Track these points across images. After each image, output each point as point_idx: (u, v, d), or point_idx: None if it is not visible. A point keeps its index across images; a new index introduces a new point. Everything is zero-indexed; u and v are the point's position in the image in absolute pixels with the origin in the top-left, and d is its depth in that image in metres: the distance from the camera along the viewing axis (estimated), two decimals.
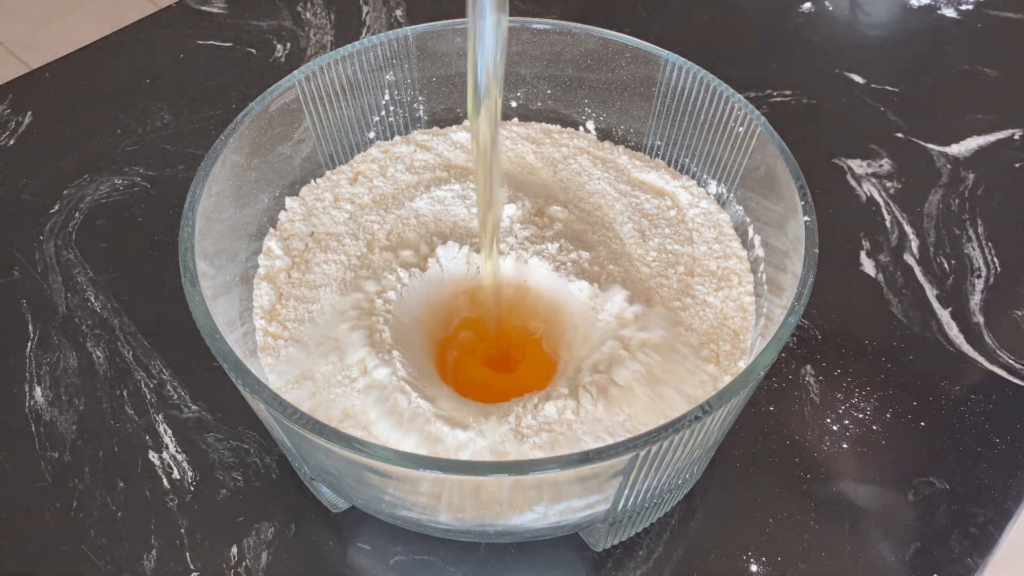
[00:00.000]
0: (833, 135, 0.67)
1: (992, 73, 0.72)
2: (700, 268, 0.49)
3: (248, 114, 0.47)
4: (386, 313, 0.46)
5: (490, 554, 0.45)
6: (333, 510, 0.46)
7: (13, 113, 0.68)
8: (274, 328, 0.46)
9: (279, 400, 0.36)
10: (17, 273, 0.58)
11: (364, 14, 0.77)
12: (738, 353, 0.45)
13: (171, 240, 0.59)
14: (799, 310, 0.38)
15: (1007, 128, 0.67)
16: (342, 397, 0.43)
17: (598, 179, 0.53)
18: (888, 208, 0.61)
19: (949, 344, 0.54)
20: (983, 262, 0.58)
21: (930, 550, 0.45)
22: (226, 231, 0.46)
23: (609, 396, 0.42)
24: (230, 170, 0.46)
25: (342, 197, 0.52)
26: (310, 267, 0.49)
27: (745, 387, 0.36)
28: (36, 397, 0.51)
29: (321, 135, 0.52)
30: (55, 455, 0.49)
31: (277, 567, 0.44)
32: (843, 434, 0.49)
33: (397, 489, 0.38)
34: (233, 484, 0.48)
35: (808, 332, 0.54)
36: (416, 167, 0.54)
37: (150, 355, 0.53)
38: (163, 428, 0.50)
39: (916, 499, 0.47)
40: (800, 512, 0.46)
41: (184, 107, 0.69)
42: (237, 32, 0.75)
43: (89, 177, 0.64)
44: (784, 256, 0.44)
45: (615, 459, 0.34)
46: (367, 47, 0.52)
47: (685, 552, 0.45)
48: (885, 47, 0.77)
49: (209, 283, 0.41)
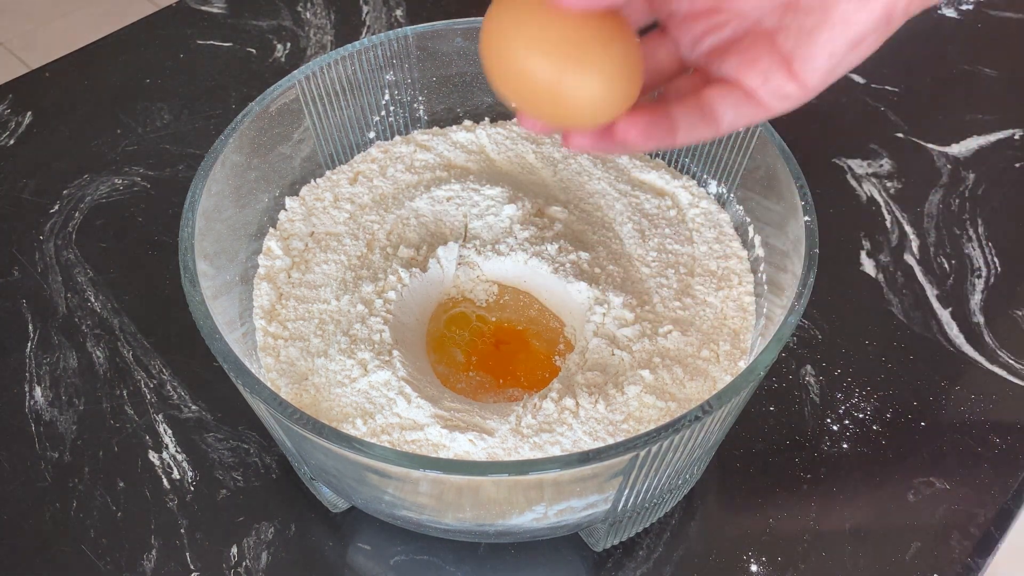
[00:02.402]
0: (833, 135, 0.67)
1: (992, 73, 0.72)
2: (700, 268, 0.49)
3: (248, 114, 0.47)
4: (386, 313, 0.46)
5: (490, 554, 0.45)
6: (333, 510, 0.46)
7: (13, 113, 0.68)
8: (274, 328, 0.46)
9: (279, 400, 0.36)
10: (17, 273, 0.58)
11: (364, 14, 0.77)
12: (738, 353, 0.45)
13: (171, 240, 0.59)
14: (799, 310, 0.38)
15: (1007, 128, 0.67)
16: (342, 397, 0.43)
17: (598, 179, 0.53)
18: (888, 208, 0.61)
19: (949, 344, 0.54)
20: (983, 262, 0.58)
21: (930, 550, 0.45)
22: (226, 231, 0.46)
23: (608, 396, 0.42)
24: (230, 170, 0.46)
25: (342, 197, 0.52)
26: (310, 267, 0.49)
27: (745, 387, 0.36)
28: (36, 397, 0.51)
29: (321, 135, 0.52)
30: (55, 455, 0.49)
31: (277, 567, 0.44)
32: (843, 434, 0.49)
33: (397, 489, 0.38)
34: (233, 484, 0.48)
35: (808, 332, 0.54)
36: (416, 167, 0.54)
37: (150, 355, 0.53)
38: (163, 428, 0.50)
39: (916, 499, 0.47)
40: (800, 512, 0.46)
41: (184, 107, 0.69)
42: (237, 32, 0.75)
43: (89, 177, 0.64)
44: (784, 256, 0.44)
45: (615, 459, 0.34)
46: (367, 47, 0.52)
47: (685, 552, 0.45)
48: (885, 47, 0.77)
49: (209, 283, 0.41)
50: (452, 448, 0.40)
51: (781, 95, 0.33)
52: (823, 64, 0.32)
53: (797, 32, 0.32)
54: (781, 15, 0.32)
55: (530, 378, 0.46)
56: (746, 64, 0.33)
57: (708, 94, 0.34)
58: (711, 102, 0.34)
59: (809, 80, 0.32)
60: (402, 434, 0.41)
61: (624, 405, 0.42)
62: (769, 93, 0.33)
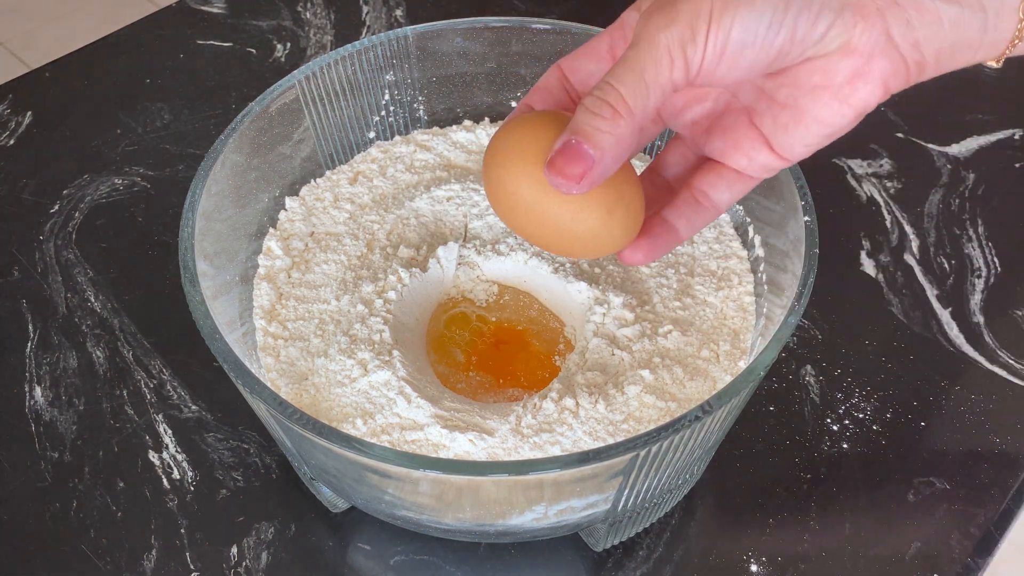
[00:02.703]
0: None
1: (992, 73, 0.72)
2: (700, 268, 0.49)
3: (248, 114, 0.47)
4: (386, 313, 0.46)
5: (490, 554, 0.45)
6: (333, 510, 0.46)
7: (13, 113, 0.68)
8: (274, 328, 0.46)
9: (279, 400, 0.36)
10: (17, 273, 0.58)
11: (364, 14, 0.77)
12: (738, 353, 0.45)
13: (171, 240, 0.59)
14: (799, 310, 0.38)
15: (1007, 128, 0.67)
16: (342, 397, 0.43)
17: None
18: (888, 208, 0.61)
19: (949, 344, 0.54)
20: (983, 262, 0.58)
21: (930, 550, 0.45)
22: (226, 231, 0.46)
23: (608, 396, 0.42)
24: (230, 170, 0.46)
25: (342, 197, 0.52)
26: (310, 267, 0.49)
27: (745, 387, 0.36)
28: (36, 397, 0.51)
29: (321, 135, 0.52)
30: (55, 455, 0.49)
31: (277, 567, 0.44)
32: (843, 434, 0.49)
33: (397, 489, 0.38)
34: (233, 484, 0.48)
35: (808, 332, 0.54)
36: (416, 167, 0.54)
37: (150, 355, 0.53)
38: (163, 428, 0.50)
39: (916, 499, 0.47)
40: (800, 512, 0.46)
41: (184, 107, 0.69)
42: (237, 32, 0.75)
43: (89, 177, 0.64)
44: (784, 256, 0.44)
45: (615, 459, 0.34)
46: (367, 47, 0.52)
47: (685, 552, 0.45)
48: None
49: (209, 283, 0.41)
50: (452, 448, 0.40)
51: (766, 168, 0.36)
52: (802, 150, 0.34)
53: (772, 123, 0.34)
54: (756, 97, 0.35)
55: (530, 378, 0.46)
56: (730, 147, 0.36)
57: (699, 185, 0.37)
58: (706, 191, 0.37)
59: (791, 157, 0.35)
60: (402, 434, 0.41)
61: (624, 405, 0.42)
62: (755, 170, 0.36)
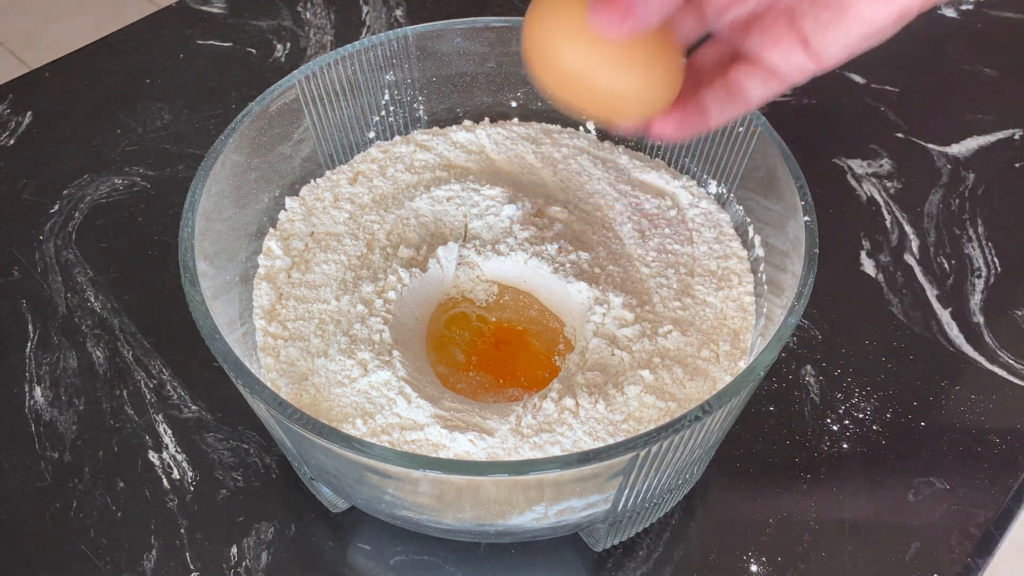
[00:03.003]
0: (833, 135, 0.67)
1: (992, 73, 0.72)
2: (700, 268, 0.49)
3: (248, 114, 0.47)
4: (386, 313, 0.46)
5: (490, 554, 0.45)
6: (333, 510, 0.46)
7: (13, 113, 0.68)
8: (274, 328, 0.46)
9: (279, 400, 0.36)
10: (17, 273, 0.58)
11: (364, 14, 0.77)
12: (738, 353, 0.45)
13: (171, 240, 0.59)
14: (799, 310, 0.38)
15: (1007, 128, 0.67)
16: (342, 397, 0.43)
17: (598, 179, 0.53)
18: (888, 208, 0.61)
19: (949, 344, 0.54)
20: (983, 262, 0.58)
21: (930, 550, 0.45)
22: (226, 231, 0.46)
23: (608, 396, 0.42)
24: (230, 170, 0.46)
25: (342, 197, 0.52)
26: (310, 267, 0.49)
27: (745, 387, 0.36)
28: (36, 397, 0.51)
29: (321, 135, 0.52)
30: (55, 455, 0.49)
31: (277, 567, 0.44)
32: (843, 434, 0.49)
33: (397, 489, 0.38)
34: (233, 484, 0.48)
35: (808, 332, 0.54)
36: (416, 167, 0.54)
37: (150, 355, 0.53)
38: (163, 428, 0.50)
39: (916, 499, 0.47)
40: (800, 512, 0.46)
41: (184, 107, 0.69)
42: (237, 32, 0.75)
43: (89, 177, 0.64)
44: (784, 256, 0.44)
45: (615, 459, 0.34)
46: (367, 47, 0.52)
47: (685, 552, 0.45)
48: (885, 47, 0.76)
49: (209, 283, 0.41)
50: (452, 448, 0.40)
51: (800, 69, 0.36)
52: (838, 52, 0.35)
53: (813, 21, 0.34)
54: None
55: (530, 378, 0.46)
56: (769, 43, 0.36)
57: (735, 74, 0.37)
58: (739, 81, 0.37)
59: (825, 60, 0.35)
60: (402, 434, 0.41)
61: (624, 405, 0.42)
62: (790, 68, 0.36)
